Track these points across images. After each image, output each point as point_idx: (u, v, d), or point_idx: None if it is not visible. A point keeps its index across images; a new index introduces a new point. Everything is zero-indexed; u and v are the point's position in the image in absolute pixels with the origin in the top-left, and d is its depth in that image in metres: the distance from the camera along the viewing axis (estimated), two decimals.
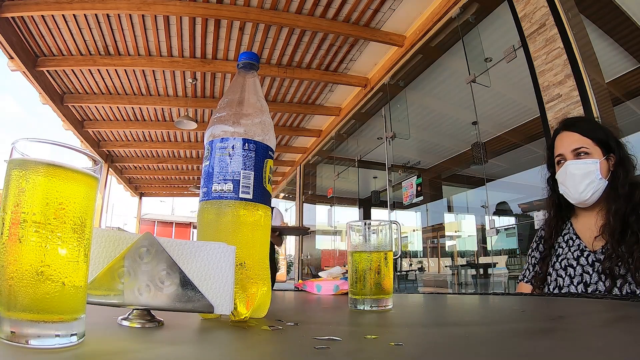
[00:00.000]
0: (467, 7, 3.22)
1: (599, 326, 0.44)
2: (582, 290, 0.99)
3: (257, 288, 0.46)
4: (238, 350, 0.33)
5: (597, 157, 1.05)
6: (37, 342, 0.27)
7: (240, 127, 0.49)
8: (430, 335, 0.40)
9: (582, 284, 1.00)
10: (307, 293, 0.92)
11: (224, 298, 0.38)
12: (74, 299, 0.29)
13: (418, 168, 6.00)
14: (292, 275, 10.71)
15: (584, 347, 0.32)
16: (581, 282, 1.00)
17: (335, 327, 0.45)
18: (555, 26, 2.20)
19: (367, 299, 0.59)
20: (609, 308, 0.57)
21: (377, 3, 3.44)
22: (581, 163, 1.06)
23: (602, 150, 1.05)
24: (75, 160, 0.29)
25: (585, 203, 1.07)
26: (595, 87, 2.07)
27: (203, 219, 0.48)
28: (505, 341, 0.36)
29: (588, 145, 1.06)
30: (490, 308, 0.68)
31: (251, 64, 0.54)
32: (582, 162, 1.06)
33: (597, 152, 1.06)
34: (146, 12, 3.39)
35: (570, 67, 2.10)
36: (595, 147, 1.06)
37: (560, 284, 1.05)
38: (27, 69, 4.01)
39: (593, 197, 1.05)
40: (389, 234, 0.63)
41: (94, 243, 0.34)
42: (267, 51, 4.11)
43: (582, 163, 1.06)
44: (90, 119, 5.83)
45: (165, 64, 4.19)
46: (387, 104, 4.59)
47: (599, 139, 1.06)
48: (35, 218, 0.27)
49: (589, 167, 1.05)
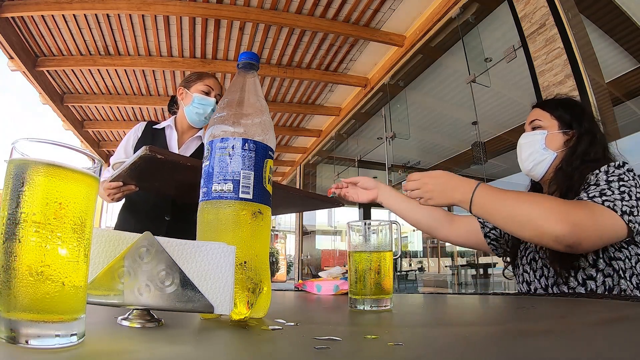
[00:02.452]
0: (467, 7, 3.22)
1: (599, 326, 0.44)
2: (544, 285, 0.95)
3: (257, 288, 0.46)
4: (238, 350, 0.33)
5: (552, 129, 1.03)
6: (37, 342, 0.27)
7: (240, 127, 0.49)
8: (430, 335, 0.40)
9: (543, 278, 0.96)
10: (307, 293, 0.92)
11: (224, 298, 0.38)
12: (74, 299, 0.29)
13: (418, 168, 6.00)
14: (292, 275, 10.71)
15: (584, 347, 0.32)
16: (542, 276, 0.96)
17: (335, 327, 0.45)
18: (555, 26, 2.20)
19: (367, 299, 0.59)
20: (609, 308, 0.57)
21: (377, 3, 3.43)
22: (530, 134, 1.05)
23: (559, 124, 1.03)
24: (75, 160, 0.29)
25: (531, 175, 1.06)
26: (595, 87, 2.07)
27: (203, 219, 0.48)
28: (505, 341, 0.36)
29: (544, 118, 1.05)
30: (490, 308, 0.68)
31: (251, 64, 0.54)
32: (531, 133, 1.05)
33: (552, 126, 1.03)
34: (146, 12, 3.39)
35: (570, 67, 2.10)
36: (553, 120, 1.03)
37: (527, 279, 1.01)
38: (27, 69, 4.01)
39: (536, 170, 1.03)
40: (389, 234, 0.63)
41: (94, 243, 0.34)
42: (267, 51, 4.11)
43: (530, 134, 1.05)
44: (90, 119, 5.83)
45: (165, 64, 4.19)
46: (387, 104, 4.59)
47: (558, 114, 1.04)
48: (35, 218, 0.27)
49: (535, 138, 1.04)
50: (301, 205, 1.15)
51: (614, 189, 0.83)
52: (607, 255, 0.86)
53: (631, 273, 0.85)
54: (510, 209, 0.82)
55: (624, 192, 0.82)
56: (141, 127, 1.65)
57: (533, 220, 0.78)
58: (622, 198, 0.81)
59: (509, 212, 0.82)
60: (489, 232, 1.15)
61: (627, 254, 0.86)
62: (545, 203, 0.81)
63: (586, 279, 0.88)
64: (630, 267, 0.85)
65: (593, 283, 0.87)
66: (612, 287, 0.85)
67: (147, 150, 0.76)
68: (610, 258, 0.86)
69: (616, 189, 0.83)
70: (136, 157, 0.81)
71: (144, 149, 0.77)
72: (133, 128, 1.67)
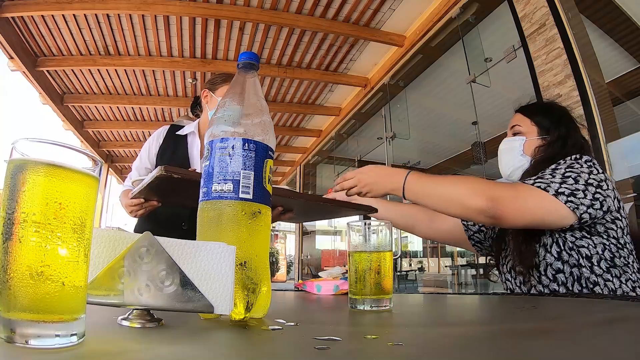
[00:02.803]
0: (467, 7, 3.22)
1: (599, 326, 0.44)
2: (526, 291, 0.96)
3: (257, 288, 0.46)
4: (238, 350, 0.33)
5: (531, 136, 1.03)
6: (37, 342, 0.27)
7: (240, 127, 0.49)
8: (430, 335, 0.40)
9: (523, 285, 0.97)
10: (307, 293, 0.92)
11: (224, 298, 0.38)
12: (74, 299, 0.29)
13: (418, 168, 6.00)
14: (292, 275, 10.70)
15: (584, 347, 0.32)
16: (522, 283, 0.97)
17: (335, 327, 0.45)
18: (555, 26, 2.20)
19: (367, 299, 0.59)
20: (609, 308, 0.57)
21: (377, 3, 3.43)
22: (510, 140, 1.07)
23: (538, 130, 1.03)
24: (75, 160, 0.29)
25: (510, 180, 1.06)
26: (595, 87, 2.07)
27: (203, 219, 0.48)
28: (505, 341, 0.36)
29: (524, 124, 1.05)
30: (491, 308, 0.68)
31: (251, 64, 0.54)
32: (511, 139, 1.06)
33: (531, 132, 1.04)
34: (146, 12, 3.39)
35: (570, 67, 2.10)
36: (532, 126, 1.04)
37: (510, 287, 1.02)
38: (27, 69, 4.01)
39: (514, 175, 1.04)
40: (389, 234, 0.63)
41: (94, 243, 0.34)
42: (267, 51, 4.11)
43: (509, 140, 1.06)
44: (90, 119, 5.83)
45: (165, 64, 4.19)
46: (387, 104, 4.59)
47: (537, 121, 1.05)
48: (35, 218, 0.27)
49: (513, 144, 1.05)
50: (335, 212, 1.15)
51: (556, 174, 0.86)
52: (567, 245, 0.88)
53: (598, 258, 0.86)
54: (438, 191, 0.89)
55: (568, 177, 0.85)
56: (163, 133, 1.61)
57: (458, 197, 0.86)
58: (562, 181, 0.84)
59: (437, 194, 0.89)
60: (472, 234, 1.16)
61: (591, 242, 0.87)
62: (468, 183, 0.88)
63: (555, 273, 0.89)
64: (597, 253, 0.86)
65: (562, 276, 0.88)
66: (580, 276, 0.86)
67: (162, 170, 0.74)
68: (571, 248, 0.88)
69: (558, 175, 0.86)
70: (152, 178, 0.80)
71: (159, 169, 0.75)
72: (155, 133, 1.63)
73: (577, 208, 0.82)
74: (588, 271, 0.86)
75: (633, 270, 0.87)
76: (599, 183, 0.85)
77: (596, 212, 0.84)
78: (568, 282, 0.88)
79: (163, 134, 1.61)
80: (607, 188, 0.86)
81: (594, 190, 0.84)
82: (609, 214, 0.86)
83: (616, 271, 0.85)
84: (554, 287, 0.89)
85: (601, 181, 0.86)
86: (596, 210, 0.83)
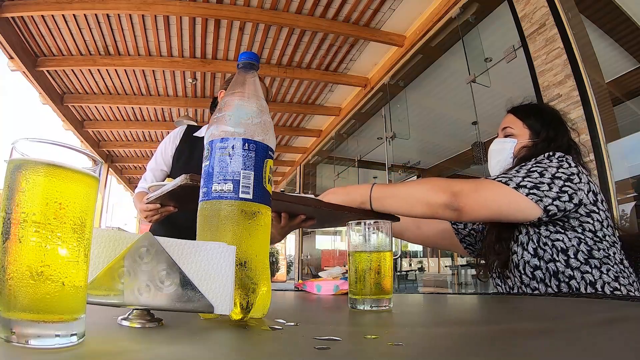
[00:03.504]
0: (467, 7, 3.22)
1: (599, 326, 0.44)
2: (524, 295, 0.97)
3: (257, 288, 0.46)
4: (238, 350, 0.33)
5: (522, 138, 1.04)
6: (37, 342, 0.27)
7: (240, 127, 0.49)
8: (430, 335, 0.40)
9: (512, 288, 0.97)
10: (307, 293, 0.92)
11: (224, 298, 0.38)
12: (74, 299, 0.29)
13: (418, 168, 6.00)
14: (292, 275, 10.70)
15: (584, 347, 0.32)
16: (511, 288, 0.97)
17: (335, 327, 0.45)
18: (555, 26, 2.20)
19: (367, 299, 0.59)
20: (609, 308, 0.57)
21: (377, 3, 3.43)
22: (501, 141, 1.07)
23: (530, 133, 1.04)
24: (75, 160, 0.29)
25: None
26: (595, 87, 2.07)
27: (203, 219, 0.48)
28: (505, 341, 0.36)
29: (516, 126, 1.06)
30: (490, 308, 0.68)
31: (251, 64, 0.54)
32: (502, 141, 1.07)
33: (523, 135, 1.04)
34: (146, 12, 3.39)
35: (570, 67, 2.10)
36: (524, 129, 1.04)
37: (501, 291, 1.02)
38: (27, 69, 4.01)
39: None
40: (389, 234, 0.63)
41: (94, 243, 0.34)
42: (267, 51, 4.11)
43: (501, 142, 1.07)
44: (90, 119, 5.83)
45: (165, 64, 4.19)
46: (387, 104, 4.59)
47: (529, 124, 1.05)
48: (35, 218, 0.27)
49: (504, 146, 1.05)
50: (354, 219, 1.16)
51: (522, 170, 0.88)
52: (542, 241, 0.89)
53: (575, 251, 0.86)
54: (401, 194, 0.92)
55: (533, 171, 0.86)
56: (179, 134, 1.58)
57: (421, 196, 0.89)
58: (526, 175, 0.85)
59: (401, 197, 0.92)
60: (463, 238, 1.17)
61: (565, 237, 0.88)
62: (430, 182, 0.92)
63: (533, 270, 0.90)
64: (572, 246, 0.87)
65: (540, 272, 0.89)
66: (556, 271, 0.87)
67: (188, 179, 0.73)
68: (545, 243, 0.89)
69: (523, 170, 0.88)
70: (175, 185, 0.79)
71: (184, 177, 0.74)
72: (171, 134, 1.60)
73: (541, 200, 0.83)
74: (563, 265, 0.86)
75: (615, 262, 0.87)
76: (569, 177, 0.86)
77: (565, 204, 0.84)
78: (545, 278, 0.88)
79: (180, 135, 1.58)
80: (578, 181, 0.86)
81: (562, 184, 0.85)
82: (583, 207, 0.87)
83: (595, 262, 0.85)
84: (534, 285, 0.90)
85: (572, 175, 0.86)
86: (564, 203, 0.84)
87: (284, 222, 1.02)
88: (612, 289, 0.84)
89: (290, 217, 1.02)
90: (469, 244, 1.17)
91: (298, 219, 1.02)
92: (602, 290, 0.84)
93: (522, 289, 0.93)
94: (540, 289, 0.90)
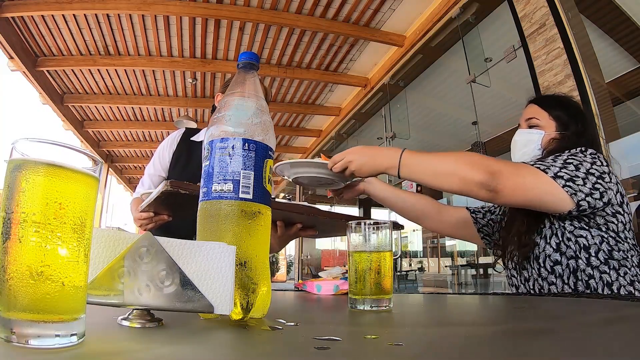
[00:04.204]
0: (467, 7, 3.22)
1: (599, 326, 0.44)
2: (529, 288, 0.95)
3: (257, 288, 0.46)
4: (238, 350, 0.33)
5: (549, 130, 1.01)
6: (37, 342, 0.26)
7: (240, 127, 0.49)
8: (430, 335, 0.40)
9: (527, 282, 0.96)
10: (307, 293, 0.92)
11: (224, 298, 0.38)
12: (74, 299, 0.29)
13: None
14: (292, 275, 10.71)
15: (583, 347, 0.32)
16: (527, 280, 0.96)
17: (335, 327, 0.45)
18: (555, 26, 2.20)
19: (367, 299, 0.59)
20: (609, 308, 0.57)
21: (377, 3, 3.44)
22: (526, 132, 1.04)
23: (557, 125, 1.01)
24: (75, 160, 0.29)
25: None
26: (595, 87, 2.07)
27: (203, 219, 0.48)
28: (505, 341, 0.36)
29: (542, 117, 1.03)
30: (490, 308, 0.68)
31: (251, 64, 0.54)
32: (527, 132, 1.04)
33: (549, 126, 1.02)
34: (146, 12, 3.39)
35: (570, 67, 2.10)
36: (550, 121, 1.02)
37: (515, 283, 1.01)
38: (27, 69, 4.02)
39: None
40: (389, 234, 0.63)
41: (94, 243, 0.34)
42: (267, 51, 4.11)
43: (527, 132, 1.04)
44: (90, 119, 5.83)
45: (165, 64, 4.19)
46: (387, 104, 4.59)
47: (556, 115, 1.02)
48: (35, 218, 0.27)
49: (531, 137, 1.02)
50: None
51: (558, 160, 0.86)
52: (566, 236, 0.88)
53: (596, 249, 0.86)
54: (435, 166, 0.86)
55: (569, 163, 0.84)
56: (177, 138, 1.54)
57: (457, 171, 0.83)
58: (562, 166, 0.83)
59: (434, 169, 0.86)
60: (481, 227, 1.15)
61: (588, 234, 0.87)
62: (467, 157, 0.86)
63: (553, 265, 0.89)
64: (595, 244, 0.86)
65: (560, 267, 0.88)
66: (576, 268, 0.86)
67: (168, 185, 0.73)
68: (569, 238, 0.87)
69: (560, 160, 0.85)
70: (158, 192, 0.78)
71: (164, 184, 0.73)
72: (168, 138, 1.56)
73: (575, 194, 0.81)
74: (584, 263, 0.86)
75: (632, 265, 0.86)
76: (601, 174, 0.84)
77: (595, 201, 0.83)
78: (564, 275, 0.87)
79: (177, 140, 1.54)
80: (609, 181, 0.85)
81: (595, 180, 0.83)
82: (610, 207, 0.86)
83: (614, 263, 0.85)
84: (552, 279, 0.89)
85: (604, 173, 0.85)
86: (595, 200, 0.83)
87: (280, 232, 0.99)
88: (626, 292, 0.83)
89: (286, 226, 1.00)
90: (486, 234, 1.15)
91: (295, 227, 1.01)
92: (618, 292, 0.83)
93: (538, 282, 0.92)
94: (557, 285, 0.89)
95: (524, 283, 0.97)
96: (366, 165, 0.91)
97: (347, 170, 0.93)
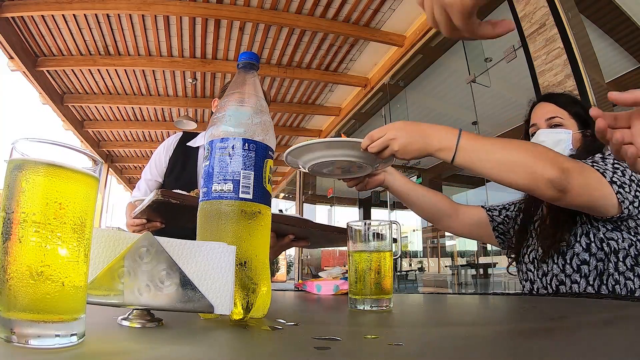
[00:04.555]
0: None
1: (599, 326, 0.44)
2: (546, 283, 0.93)
3: (257, 288, 0.46)
4: (238, 350, 0.33)
5: (572, 129, 0.99)
6: (37, 342, 0.26)
7: (240, 127, 0.49)
8: (430, 335, 0.39)
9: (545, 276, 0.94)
10: (307, 293, 0.92)
11: (224, 298, 0.38)
12: (74, 299, 0.29)
13: (418, 168, 6.00)
14: (292, 275, 10.71)
15: (584, 347, 0.32)
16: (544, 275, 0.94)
17: (335, 327, 0.45)
18: (555, 26, 2.20)
19: (367, 299, 0.59)
20: (609, 308, 0.57)
21: (377, 3, 3.44)
22: (553, 132, 0.99)
23: (578, 123, 0.99)
24: (75, 160, 0.29)
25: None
26: (595, 87, 2.07)
27: (203, 219, 0.48)
28: (505, 341, 0.36)
29: (563, 116, 1.00)
30: (490, 308, 0.68)
31: (251, 64, 0.54)
32: (554, 131, 0.99)
33: (572, 125, 0.99)
34: (146, 12, 3.39)
35: (570, 67, 2.10)
36: (571, 119, 1.00)
37: (530, 278, 0.99)
38: (27, 69, 4.02)
39: None
40: (389, 234, 0.63)
41: (94, 243, 0.34)
42: (267, 51, 4.11)
43: (553, 132, 0.99)
44: (90, 119, 5.84)
45: (165, 64, 4.19)
46: (387, 104, 4.60)
47: (575, 112, 1.00)
48: (35, 218, 0.27)
49: (560, 136, 0.98)
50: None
51: (608, 163, 0.82)
52: (598, 237, 0.86)
53: (625, 254, 0.84)
54: (500, 156, 0.75)
55: (617, 168, 0.81)
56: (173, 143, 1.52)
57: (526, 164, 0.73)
58: (614, 171, 0.79)
59: (497, 159, 0.75)
60: (497, 225, 1.13)
61: (619, 237, 0.85)
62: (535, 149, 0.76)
63: (580, 264, 0.87)
64: (624, 249, 0.84)
65: (586, 268, 0.86)
66: (603, 271, 0.85)
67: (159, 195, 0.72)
68: (601, 240, 0.85)
69: (610, 164, 0.82)
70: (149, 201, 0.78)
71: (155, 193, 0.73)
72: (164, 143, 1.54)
73: (623, 202, 0.77)
74: (612, 267, 0.84)
75: None
76: (638, 182, 0.81)
77: (635, 209, 0.80)
78: (590, 276, 0.85)
79: (173, 145, 1.52)
80: None
81: (636, 188, 0.80)
82: None
83: (639, 270, 0.83)
84: (576, 277, 0.87)
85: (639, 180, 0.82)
86: (636, 208, 0.79)
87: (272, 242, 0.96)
88: None
89: (278, 237, 0.99)
90: (500, 232, 1.12)
91: (287, 238, 0.99)
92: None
93: (558, 277, 0.90)
94: (580, 284, 0.86)
95: (541, 278, 0.95)
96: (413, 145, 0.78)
97: (387, 150, 0.79)
